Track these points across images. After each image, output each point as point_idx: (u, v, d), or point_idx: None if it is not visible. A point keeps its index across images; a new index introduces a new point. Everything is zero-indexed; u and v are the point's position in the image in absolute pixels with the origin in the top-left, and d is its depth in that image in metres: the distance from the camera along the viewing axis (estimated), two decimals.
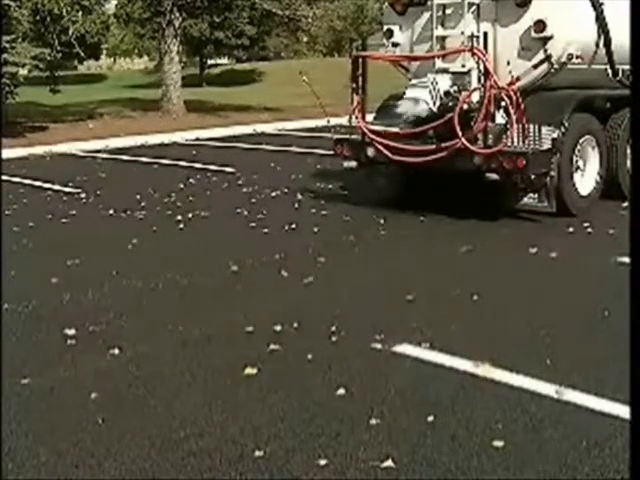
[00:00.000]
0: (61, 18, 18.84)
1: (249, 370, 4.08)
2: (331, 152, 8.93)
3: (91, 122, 20.63)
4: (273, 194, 9.33)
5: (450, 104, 7.61)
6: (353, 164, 8.57)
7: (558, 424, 3.44)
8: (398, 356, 4.25)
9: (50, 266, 6.28)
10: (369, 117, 8.52)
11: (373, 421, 3.48)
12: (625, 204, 7.80)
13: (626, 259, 5.60)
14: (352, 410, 3.61)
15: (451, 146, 7.43)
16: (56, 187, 10.20)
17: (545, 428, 3.41)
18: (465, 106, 7.52)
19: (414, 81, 7.86)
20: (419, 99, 7.58)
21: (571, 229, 7.18)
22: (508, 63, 7.47)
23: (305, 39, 51.38)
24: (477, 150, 7.39)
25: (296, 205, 8.59)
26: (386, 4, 8.75)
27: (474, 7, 7.72)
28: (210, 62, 44.85)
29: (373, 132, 8.13)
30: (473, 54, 7.51)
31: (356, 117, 8.31)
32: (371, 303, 5.25)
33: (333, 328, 4.68)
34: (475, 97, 7.56)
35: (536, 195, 7.46)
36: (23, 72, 18.36)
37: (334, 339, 4.54)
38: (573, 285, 5.56)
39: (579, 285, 5.55)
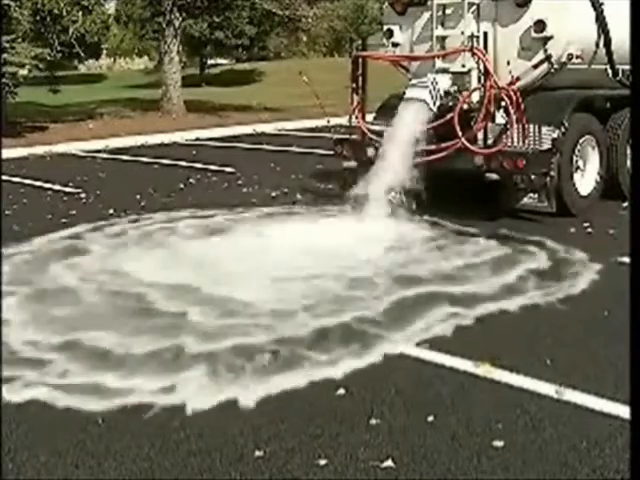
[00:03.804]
0: (61, 18, 18.83)
1: None
2: (331, 152, 8.93)
3: (91, 122, 20.64)
4: (273, 194, 9.33)
5: (450, 104, 7.62)
6: (353, 164, 8.57)
7: (558, 424, 3.44)
8: (398, 356, 4.25)
9: None
10: (369, 117, 8.53)
11: (373, 421, 3.48)
12: (625, 204, 7.80)
13: (626, 259, 5.60)
14: (352, 410, 3.61)
15: (451, 146, 7.43)
16: (56, 187, 10.20)
17: (545, 428, 3.41)
18: (465, 106, 7.53)
19: (414, 81, 7.86)
20: (419, 99, 7.58)
21: (571, 229, 7.18)
22: (508, 63, 7.47)
23: (305, 39, 51.37)
24: (477, 150, 7.40)
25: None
26: (386, 4, 8.75)
27: (474, 7, 7.72)
28: (210, 62, 44.83)
29: (373, 132, 8.13)
30: (473, 54, 7.52)
31: (356, 117, 8.32)
32: None
33: None
34: (475, 97, 7.57)
35: (536, 195, 7.45)
36: (23, 72, 18.33)
37: None
38: (573, 285, 5.55)
39: (579, 285, 5.54)
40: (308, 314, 4.74)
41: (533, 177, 7.21)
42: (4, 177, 10.71)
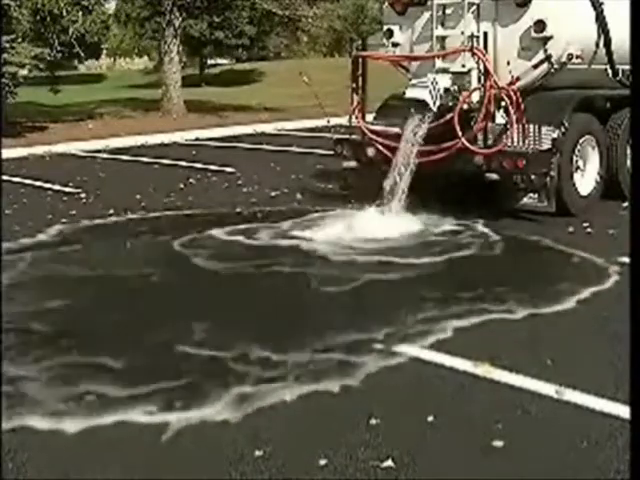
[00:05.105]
0: (61, 18, 18.83)
1: None
2: (331, 152, 8.93)
3: (91, 122, 20.63)
4: (273, 194, 9.34)
5: (450, 104, 7.62)
6: (353, 164, 8.59)
7: (558, 424, 3.44)
8: (398, 356, 4.25)
9: None
10: (369, 117, 8.53)
11: (373, 421, 3.48)
12: (625, 204, 7.80)
13: (626, 259, 5.60)
14: (352, 410, 3.61)
15: (451, 146, 7.44)
16: (56, 187, 10.20)
17: (545, 428, 3.41)
18: (465, 106, 7.53)
19: (414, 81, 7.86)
20: (419, 99, 7.58)
21: (571, 229, 7.19)
22: (508, 63, 7.47)
23: (305, 39, 51.38)
24: (477, 150, 7.40)
25: (296, 205, 8.59)
26: (386, 4, 8.75)
27: (474, 7, 7.72)
28: (210, 62, 44.84)
29: (373, 132, 8.13)
30: (473, 54, 7.52)
31: (356, 117, 8.32)
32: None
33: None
34: (475, 97, 7.57)
35: (536, 195, 7.46)
36: (23, 72, 18.33)
37: None
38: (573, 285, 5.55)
39: (578, 285, 5.54)
40: None
41: (533, 177, 7.21)
42: (4, 177, 10.70)
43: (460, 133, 7.35)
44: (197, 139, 16.45)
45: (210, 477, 3.10)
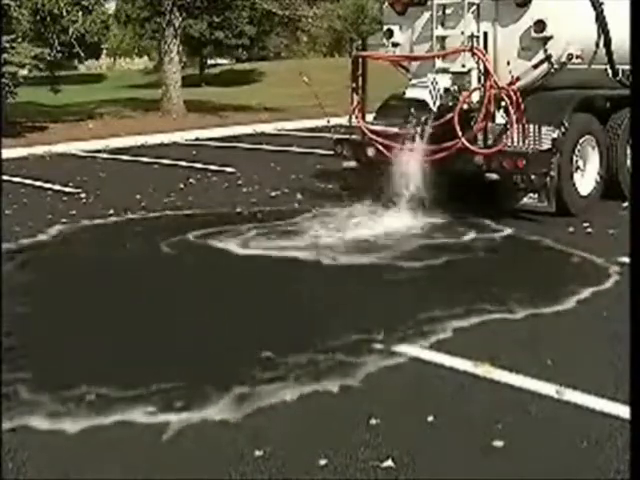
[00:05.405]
0: (61, 18, 18.84)
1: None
2: (331, 152, 8.93)
3: (91, 122, 20.63)
4: (273, 194, 9.34)
5: (450, 104, 7.63)
6: (353, 164, 8.59)
7: (558, 424, 3.44)
8: (398, 356, 4.25)
9: None
10: (369, 117, 8.53)
11: (373, 421, 3.48)
12: (625, 204, 7.80)
13: (626, 259, 5.60)
14: (352, 410, 3.61)
15: (451, 146, 7.44)
16: (56, 187, 10.20)
17: (545, 428, 3.41)
18: (465, 106, 7.53)
19: (414, 81, 7.87)
20: (419, 99, 7.58)
21: (571, 229, 7.19)
22: (508, 63, 7.47)
23: (305, 39, 51.41)
24: (477, 150, 7.40)
25: (296, 205, 8.59)
26: (386, 4, 8.76)
27: (474, 7, 7.72)
28: (210, 62, 44.85)
29: (373, 132, 8.13)
30: (473, 54, 7.52)
31: (356, 117, 8.33)
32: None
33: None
34: (475, 97, 7.57)
35: (536, 195, 7.46)
36: (23, 72, 18.33)
37: None
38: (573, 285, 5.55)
39: (579, 285, 5.54)
40: None
41: (533, 177, 7.22)
42: (4, 177, 10.70)
43: (460, 133, 7.36)
44: (197, 139, 16.45)
45: (210, 477, 3.11)
